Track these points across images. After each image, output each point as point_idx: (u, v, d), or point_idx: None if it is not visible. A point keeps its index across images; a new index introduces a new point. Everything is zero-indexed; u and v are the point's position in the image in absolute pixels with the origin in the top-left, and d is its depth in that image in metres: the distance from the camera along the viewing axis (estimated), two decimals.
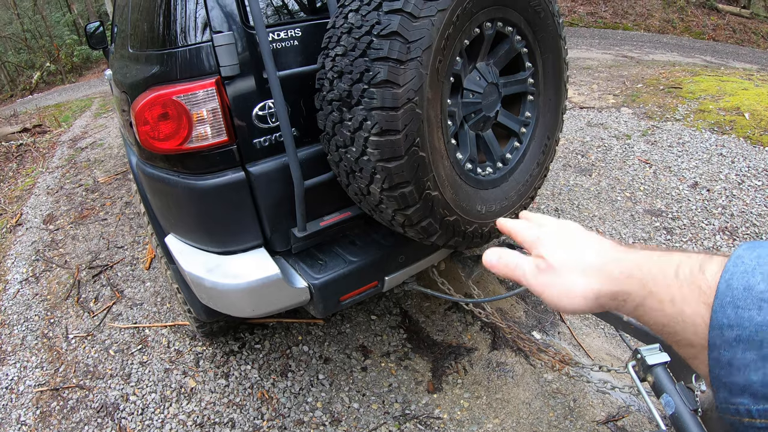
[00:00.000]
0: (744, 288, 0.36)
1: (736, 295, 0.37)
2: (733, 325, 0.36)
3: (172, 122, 1.51)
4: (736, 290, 0.37)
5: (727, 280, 0.38)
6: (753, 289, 0.36)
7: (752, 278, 0.37)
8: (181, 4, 1.50)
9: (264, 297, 1.64)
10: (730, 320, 0.36)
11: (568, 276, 0.54)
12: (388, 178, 1.36)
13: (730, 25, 11.20)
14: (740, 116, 4.84)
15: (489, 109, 1.75)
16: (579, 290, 0.52)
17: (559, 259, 0.55)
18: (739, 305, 0.36)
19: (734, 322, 0.36)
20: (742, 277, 0.37)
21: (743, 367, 0.35)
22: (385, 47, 1.24)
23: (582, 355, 2.45)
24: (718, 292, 0.38)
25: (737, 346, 0.36)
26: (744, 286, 0.37)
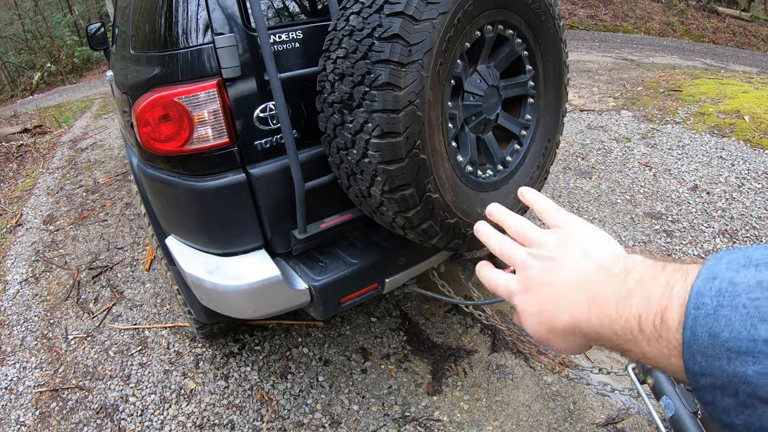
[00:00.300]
0: (708, 336, 0.35)
1: (702, 344, 0.36)
2: (705, 373, 0.35)
3: (173, 124, 1.51)
4: (701, 339, 0.36)
5: (692, 327, 0.36)
6: (718, 338, 0.35)
7: (715, 324, 0.35)
8: (183, 5, 1.50)
9: (264, 299, 1.64)
10: (703, 369, 0.36)
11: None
12: (389, 180, 1.36)
13: (730, 28, 11.22)
14: (740, 119, 4.85)
15: (490, 112, 1.76)
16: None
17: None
18: (708, 353, 0.35)
19: (707, 371, 0.35)
20: (705, 323, 0.35)
21: (725, 410, 0.35)
22: (386, 50, 1.25)
23: (581, 358, 2.45)
24: (685, 339, 0.37)
25: (714, 391, 0.35)
26: (708, 333, 0.35)
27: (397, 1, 1.27)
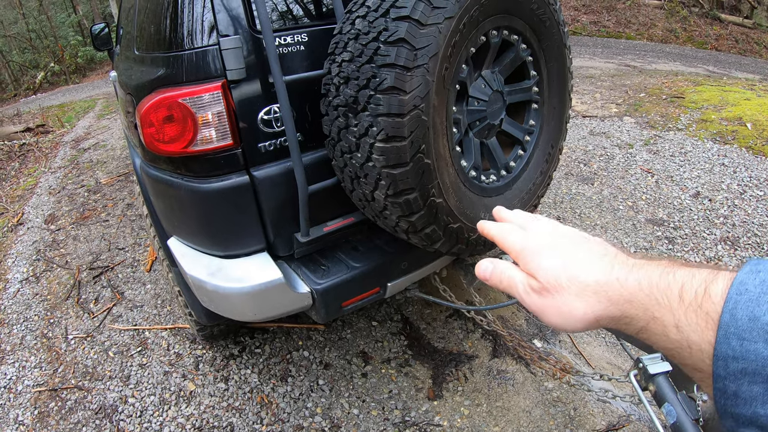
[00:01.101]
0: (749, 319, 0.35)
1: (741, 326, 0.35)
2: (738, 357, 0.35)
3: (177, 125, 1.51)
4: (741, 321, 0.35)
5: (731, 310, 0.36)
6: (758, 321, 0.34)
7: (757, 308, 0.35)
8: (188, 6, 1.50)
9: (266, 301, 1.64)
10: (735, 352, 0.35)
11: (563, 298, 0.49)
12: (393, 184, 1.36)
13: (732, 35, 11.23)
14: (742, 126, 4.85)
15: (494, 117, 1.76)
16: (578, 314, 0.48)
17: (551, 279, 0.50)
18: (745, 337, 0.35)
19: (739, 355, 0.35)
20: (747, 307, 0.35)
21: (750, 400, 0.34)
22: (392, 54, 1.24)
23: (583, 364, 2.45)
24: (722, 322, 0.36)
25: (743, 378, 0.35)
26: (749, 316, 0.35)
27: (403, 5, 1.27)
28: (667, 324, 0.41)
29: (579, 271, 0.49)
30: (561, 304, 0.49)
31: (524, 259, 0.53)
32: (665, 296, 0.42)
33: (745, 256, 3.13)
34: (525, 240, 0.55)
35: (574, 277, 0.49)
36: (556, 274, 0.50)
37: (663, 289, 0.42)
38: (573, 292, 0.49)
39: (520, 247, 0.55)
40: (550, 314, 0.50)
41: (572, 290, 0.49)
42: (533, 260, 0.52)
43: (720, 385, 0.36)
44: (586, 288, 0.48)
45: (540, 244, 0.54)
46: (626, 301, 0.45)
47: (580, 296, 0.48)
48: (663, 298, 0.42)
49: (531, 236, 0.55)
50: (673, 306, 0.41)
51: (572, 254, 0.51)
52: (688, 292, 0.40)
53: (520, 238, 0.56)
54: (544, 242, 0.54)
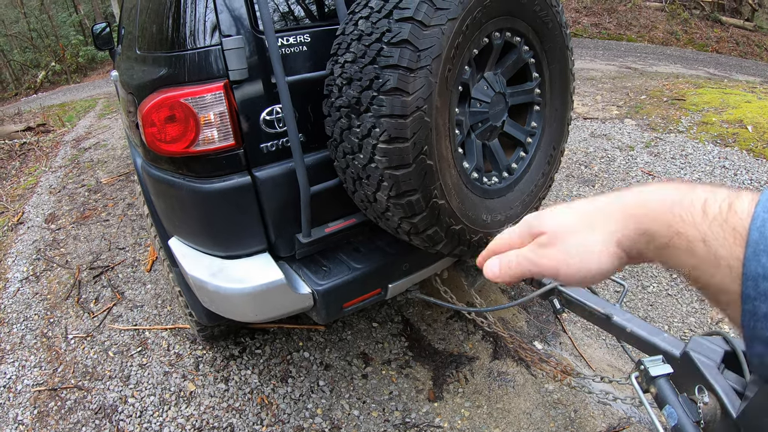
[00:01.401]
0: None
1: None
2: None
3: (179, 125, 1.50)
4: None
5: (759, 228, 0.34)
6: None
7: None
8: (191, 6, 1.50)
9: (267, 302, 1.63)
10: (766, 270, 0.33)
11: (575, 238, 0.46)
12: (396, 185, 1.36)
13: (733, 37, 11.23)
14: (743, 129, 4.84)
15: (496, 119, 1.76)
16: (596, 248, 0.45)
17: (558, 222, 0.47)
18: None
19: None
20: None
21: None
22: (395, 55, 1.24)
23: (583, 366, 2.44)
24: (750, 240, 0.34)
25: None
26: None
27: (406, 7, 1.27)
28: (693, 238, 0.39)
29: (585, 204, 0.47)
30: (576, 245, 0.46)
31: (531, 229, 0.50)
32: (688, 212, 0.39)
33: None
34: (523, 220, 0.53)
35: (581, 210, 0.47)
36: (562, 217, 0.47)
37: (686, 205, 0.40)
38: (584, 226, 0.46)
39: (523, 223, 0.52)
40: (570, 263, 0.46)
41: (583, 225, 0.46)
42: (535, 222, 0.50)
43: (749, 306, 0.34)
44: (598, 213, 0.45)
45: (537, 213, 0.52)
46: (645, 215, 0.42)
47: (593, 227, 0.45)
48: (686, 214, 0.39)
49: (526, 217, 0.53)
50: (697, 221, 0.39)
51: (574, 203, 0.49)
52: (711, 207, 0.38)
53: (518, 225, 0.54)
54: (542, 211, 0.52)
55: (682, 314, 2.73)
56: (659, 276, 3.03)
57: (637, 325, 1.61)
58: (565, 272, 0.47)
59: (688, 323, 2.67)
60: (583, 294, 1.84)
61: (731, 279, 0.36)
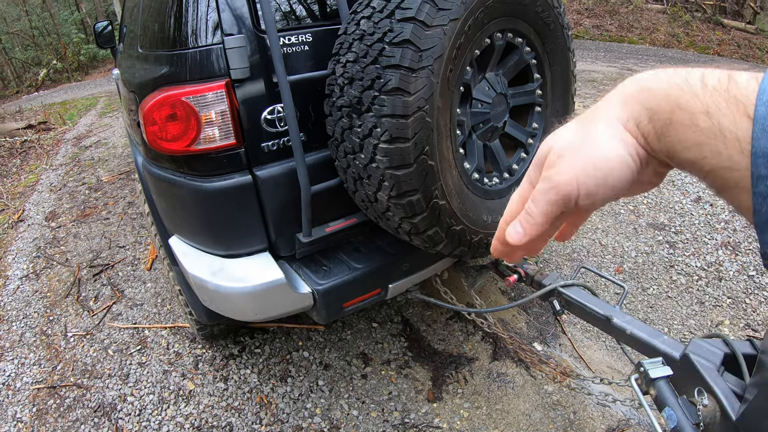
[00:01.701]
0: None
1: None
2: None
3: (180, 123, 1.50)
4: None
5: (766, 102, 0.32)
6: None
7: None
8: (193, 5, 1.50)
9: (267, 301, 1.63)
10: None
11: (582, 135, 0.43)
12: (396, 185, 1.36)
13: (734, 40, 11.23)
14: None
15: (497, 120, 1.75)
16: (604, 136, 0.42)
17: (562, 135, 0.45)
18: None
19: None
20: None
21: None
22: (397, 55, 1.24)
23: (583, 368, 2.44)
24: (757, 115, 0.32)
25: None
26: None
27: (408, 7, 1.27)
28: (695, 110, 0.36)
29: (590, 111, 0.45)
30: (584, 143, 0.43)
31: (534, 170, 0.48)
32: (686, 82, 0.38)
33: (746, 261, 3.12)
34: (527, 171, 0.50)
35: (582, 115, 0.45)
36: (563, 129, 0.46)
37: (682, 76, 0.38)
38: (586, 122, 0.44)
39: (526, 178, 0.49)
40: (585, 164, 0.42)
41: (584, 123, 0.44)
42: (539, 155, 0.47)
43: (761, 188, 0.32)
44: (597, 108, 0.44)
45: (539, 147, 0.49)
46: (644, 93, 0.40)
47: (594, 120, 0.44)
48: (684, 84, 0.38)
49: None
50: (697, 91, 0.36)
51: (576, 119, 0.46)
52: (710, 79, 0.36)
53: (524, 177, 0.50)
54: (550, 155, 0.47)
55: (681, 316, 2.73)
56: (659, 278, 3.03)
57: (637, 327, 1.61)
58: (584, 175, 0.43)
59: (687, 325, 2.67)
60: (583, 295, 1.85)
61: (739, 154, 0.34)
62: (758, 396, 0.83)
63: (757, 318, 2.70)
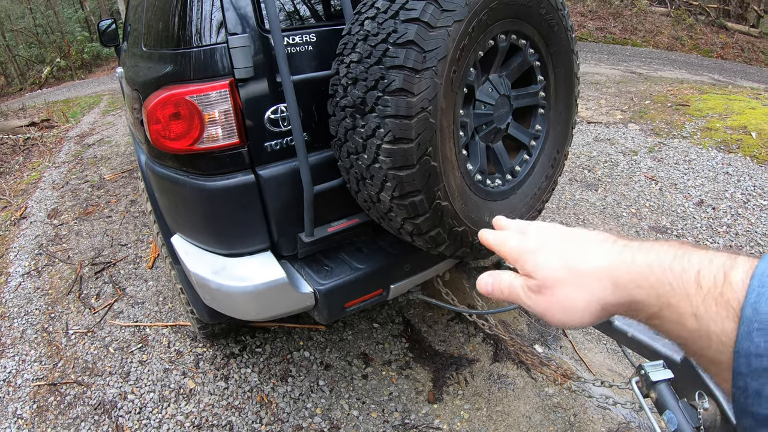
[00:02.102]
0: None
1: (765, 321, 0.32)
2: (762, 354, 0.32)
3: (183, 122, 1.51)
4: (765, 315, 0.32)
5: (753, 304, 0.33)
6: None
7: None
8: (197, 4, 1.51)
9: (269, 301, 1.63)
10: (759, 349, 0.32)
11: (562, 291, 0.47)
12: (399, 186, 1.36)
13: (738, 43, 11.22)
14: (747, 135, 4.84)
15: (500, 121, 1.75)
16: (580, 305, 0.46)
17: (548, 274, 0.48)
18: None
19: (764, 352, 0.32)
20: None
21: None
22: (401, 56, 1.24)
23: (584, 370, 2.44)
24: (744, 316, 0.33)
25: (767, 376, 0.32)
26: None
27: (412, 8, 1.27)
28: (684, 312, 0.38)
29: (577, 261, 0.47)
30: (562, 299, 0.47)
31: (522, 261, 0.52)
32: (681, 281, 0.38)
33: None
34: (523, 243, 0.54)
35: (572, 267, 0.47)
36: (553, 268, 0.48)
37: (678, 273, 0.39)
38: (573, 283, 0.46)
39: (518, 251, 0.53)
40: (554, 312, 0.48)
41: (571, 281, 0.46)
42: (530, 260, 0.51)
43: (741, 382, 0.34)
44: (587, 275, 0.45)
45: (537, 243, 0.52)
46: (636, 285, 0.42)
47: (581, 287, 0.46)
48: (678, 284, 0.38)
49: (529, 238, 0.54)
50: (690, 292, 0.37)
51: (569, 247, 0.49)
52: (706, 278, 0.37)
53: (518, 242, 0.54)
54: (542, 242, 0.52)
55: None
56: None
57: (638, 329, 1.61)
58: (550, 319, 0.49)
59: None
60: None
61: (722, 353, 0.36)
62: None
63: None
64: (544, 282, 0.48)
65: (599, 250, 0.47)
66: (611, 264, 0.44)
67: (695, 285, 0.37)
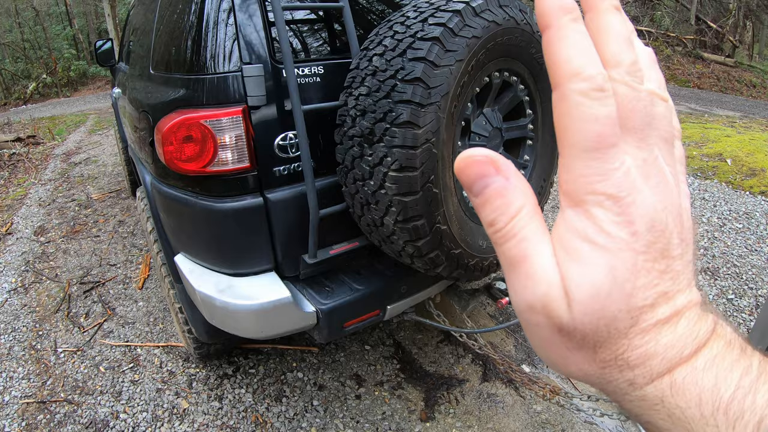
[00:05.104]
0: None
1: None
2: None
3: (196, 145, 1.58)
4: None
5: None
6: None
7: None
8: (212, 32, 1.59)
9: (273, 319, 1.69)
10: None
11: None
12: (404, 211, 1.44)
13: (714, 73, 11.74)
14: (723, 162, 5.07)
15: None
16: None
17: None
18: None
19: None
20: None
21: None
22: (408, 91, 1.35)
23: (570, 388, 2.52)
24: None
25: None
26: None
27: (419, 48, 1.38)
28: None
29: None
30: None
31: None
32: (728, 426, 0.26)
33: (724, 285, 3.27)
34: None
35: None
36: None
37: (732, 419, 0.26)
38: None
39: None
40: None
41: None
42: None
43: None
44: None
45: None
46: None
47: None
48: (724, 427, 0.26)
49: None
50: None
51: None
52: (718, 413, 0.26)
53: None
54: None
55: None
56: None
57: None
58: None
59: None
60: None
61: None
62: None
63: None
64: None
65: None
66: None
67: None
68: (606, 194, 0.27)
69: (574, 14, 0.28)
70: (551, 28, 0.28)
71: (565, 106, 0.28)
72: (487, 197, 0.29)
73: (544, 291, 0.28)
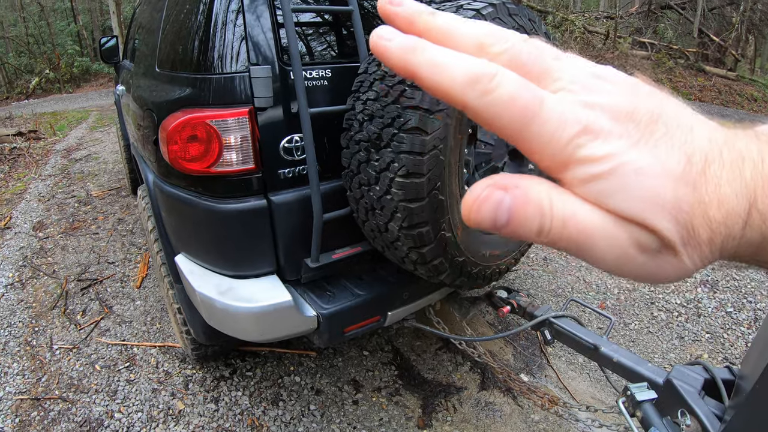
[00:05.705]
0: None
1: None
2: None
3: (201, 145, 1.56)
4: None
5: None
6: None
7: None
8: (221, 32, 1.58)
9: (274, 322, 1.67)
10: None
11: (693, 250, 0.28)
12: (409, 217, 1.43)
13: (716, 86, 11.77)
14: None
15: (498, 160, 1.86)
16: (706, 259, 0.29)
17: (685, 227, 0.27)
18: None
19: None
20: None
21: None
22: (417, 97, 1.34)
23: (568, 398, 2.50)
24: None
25: None
26: None
27: None
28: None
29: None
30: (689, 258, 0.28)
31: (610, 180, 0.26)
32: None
33: (723, 298, 3.26)
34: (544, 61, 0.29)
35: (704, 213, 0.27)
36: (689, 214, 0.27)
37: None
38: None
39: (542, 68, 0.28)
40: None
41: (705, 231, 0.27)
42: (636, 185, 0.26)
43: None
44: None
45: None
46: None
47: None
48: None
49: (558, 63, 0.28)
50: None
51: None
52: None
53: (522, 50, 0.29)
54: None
55: (662, 350, 2.83)
56: (641, 314, 3.14)
57: (623, 355, 1.71)
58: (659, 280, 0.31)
59: (668, 359, 2.77)
60: (573, 326, 1.94)
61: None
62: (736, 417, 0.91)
63: (735, 352, 2.82)
64: (677, 241, 0.27)
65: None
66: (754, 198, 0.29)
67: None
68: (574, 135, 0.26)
69: (419, 44, 0.27)
70: (410, 65, 0.27)
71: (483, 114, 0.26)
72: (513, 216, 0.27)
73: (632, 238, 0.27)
